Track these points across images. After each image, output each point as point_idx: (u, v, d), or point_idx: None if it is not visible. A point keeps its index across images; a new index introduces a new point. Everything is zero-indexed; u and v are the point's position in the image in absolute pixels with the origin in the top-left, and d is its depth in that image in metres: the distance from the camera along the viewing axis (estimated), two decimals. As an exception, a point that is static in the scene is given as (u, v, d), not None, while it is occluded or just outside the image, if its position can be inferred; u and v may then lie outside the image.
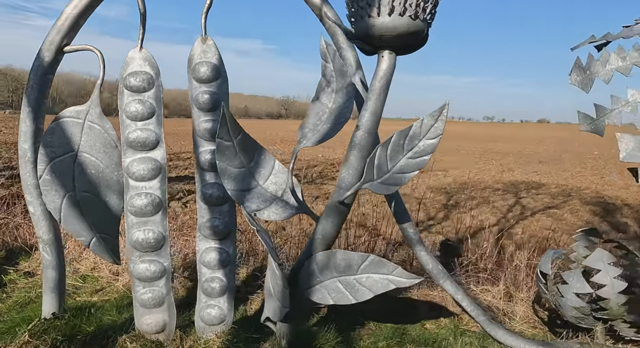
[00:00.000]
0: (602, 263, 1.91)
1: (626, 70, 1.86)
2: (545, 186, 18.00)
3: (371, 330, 2.43)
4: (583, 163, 25.27)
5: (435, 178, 17.34)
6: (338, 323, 2.47)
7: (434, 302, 2.92)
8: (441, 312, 2.76)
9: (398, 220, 2.03)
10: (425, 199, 15.00)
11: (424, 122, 1.66)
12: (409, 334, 2.39)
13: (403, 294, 2.99)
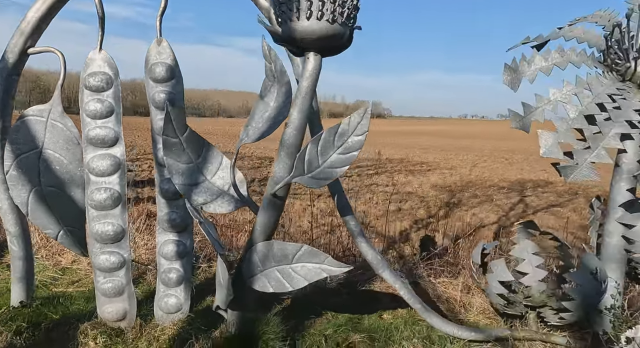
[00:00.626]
0: (527, 253, 1.95)
1: (547, 70, 1.90)
2: (552, 184, 17.70)
3: (327, 320, 2.50)
4: None
5: (441, 177, 17.25)
6: (295, 313, 2.54)
7: (396, 294, 2.98)
8: (400, 304, 2.81)
9: (341, 213, 2.10)
10: (428, 197, 14.95)
11: (351, 119, 1.73)
12: (362, 323, 2.44)
13: (367, 287, 3.05)
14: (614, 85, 1.80)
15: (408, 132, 49.24)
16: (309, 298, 2.83)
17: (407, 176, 19.23)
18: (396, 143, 30.87)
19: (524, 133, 1.93)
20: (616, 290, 2.01)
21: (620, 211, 1.99)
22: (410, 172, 20.43)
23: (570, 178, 1.78)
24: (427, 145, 31.32)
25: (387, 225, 7.18)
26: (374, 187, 16.14)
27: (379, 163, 16.50)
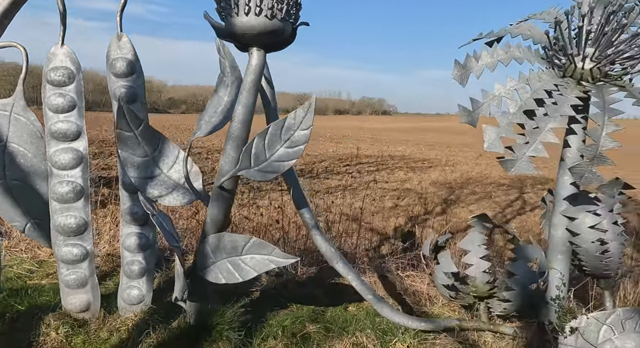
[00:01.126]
0: (473, 244, 2.00)
1: (492, 66, 1.93)
2: (553, 181, 17.65)
3: (291, 311, 2.56)
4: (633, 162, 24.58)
5: (442, 174, 17.23)
6: (260, 305, 2.61)
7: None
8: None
9: (296, 205, 2.15)
10: (427, 194, 14.96)
11: (297, 113, 1.78)
12: (324, 315, 2.51)
13: (336, 280, 3.11)
14: (553, 81, 1.83)
15: (413, 128, 49.11)
16: (278, 291, 2.90)
17: (408, 173, 19.25)
18: (400, 139, 30.86)
19: None
20: (561, 281, 2.05)
21: (564, 204, 2.03)
22: (411, 168, 20.40)
23: (511, 172, 1.82)
24: (432, 142, 31.28)
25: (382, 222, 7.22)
26: (373, 184, 16.20)
27: (357, 159, 16.50)
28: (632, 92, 1.75)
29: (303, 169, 19.76)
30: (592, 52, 1.85)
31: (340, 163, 22.32)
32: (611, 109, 1.69)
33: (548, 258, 2.11)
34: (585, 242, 1.96)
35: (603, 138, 1.67)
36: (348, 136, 33.57)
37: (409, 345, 2.10)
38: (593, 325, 1.99)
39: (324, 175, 18.81)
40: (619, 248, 2.01)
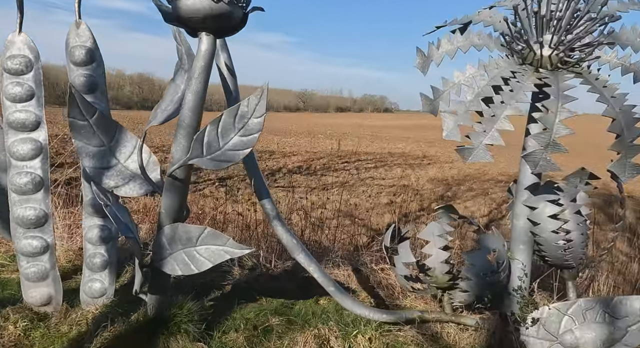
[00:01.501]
0: (432, 235, 1.97)
1: (452, 52, 1.90)
2: (551, 178, 17.64)
3: (259, 305, 2.54)
4: (601, 154, 24.58)
5: (440, 170, 17.21)
6: (228, 298, 2.59)
7: (338, 280, 3.01)
8: (341, 290, 2.85)
9: (258, 196, 2.13)
10: (424, 190, 14.94)
11: (249, 101, 1.75)
12: (292, 308, 2.49)
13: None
14: (510, 68, 1.79)
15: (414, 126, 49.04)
16: (250, 284, 2.88)
17: (406, 170, 19.23)
18: (400, 137, 30.82)
19: None
20: (522, 271, 2.03)
21: (525, 194, 2.00)
22: (410, 165, 20.38)
23: (468, 160, 1.79)
24: (432, 139, 31.20)
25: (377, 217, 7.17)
26: (370, 180, 16.18)
27: (356, 156, 16.52)
28: (588, 79, 1.71)
29: (301, 166, 19.80)
30: (550, 38, 1.81)
31: (339, 160, 22.31)
32: (565, 96, 1.66)
33: (511, 249, 2.08)
34: (545, 232, 1.93)
35: (556, 125, 1.64)
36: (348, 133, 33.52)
37: (371, 337, 2.08)
38: (554, 315, 1.97)
39: (322, 172, 18.81)
40: (580, 238, 1.98)
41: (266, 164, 18.46)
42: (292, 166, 18.68)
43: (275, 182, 14.28)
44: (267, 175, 16.41)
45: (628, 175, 1.62)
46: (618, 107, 1.61)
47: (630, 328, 1.91)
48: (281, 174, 17.22)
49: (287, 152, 22.15)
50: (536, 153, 1.68)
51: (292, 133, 33.69)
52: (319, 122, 55.15)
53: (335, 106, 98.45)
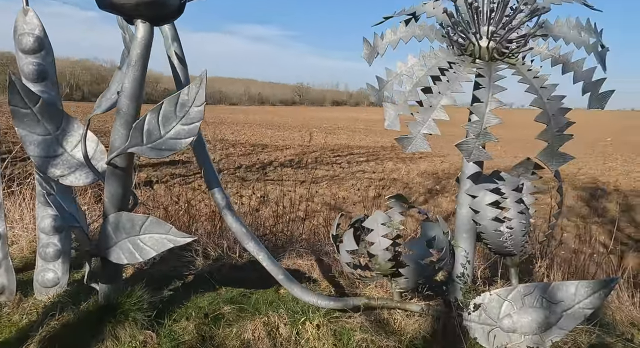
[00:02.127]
0: (376, 223, 2.01)
1: (395, 43, 1.92)
2: (541, 172, 17.82)
3: (218, 294, 2.58)
4: (592, 149, 24.74)
5: (431, 164, 17.29)
6: (185, 287, 2.62)
7: (301, 269, 3.06)
8: (301, 279, 2.89)
9: (208, 185, 2.15)
10: (413, 184, 15.00)
11: (190, 89, 1.76)
12: (249, 297, 2.52)
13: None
14: (447, 59, 1.82)
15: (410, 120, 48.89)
16: (212, 274, 2.91)
17: (397, 163, 19.30)
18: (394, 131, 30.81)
19: (528, 122, 1.94)
20: (465, 259, 2.07)
21: (468, 183, 2.04)
22: (401, 159, 20.45)
23: (408, 150, 1.82)
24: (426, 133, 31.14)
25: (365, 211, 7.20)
26: (360, 174, 16.24)
27: (348, 150, 16.58)
28: (521, 70, 1.74)
29: (293, 160, 19.83)
30: (488, 30, 1.84)
31: (331, 154, 22.32)
32: (495, 86, 1.69)
33: (455, 237, 2.13)
34: (484, 219, 1.97)
35: (487, 115, 1.67)
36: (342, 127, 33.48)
37: (319, 324, 2.12)
38: (495, 301, 2.02)
39: (313, 165, 18.84)
40: (521, 226, 2.02)
41: (258, 158, 18.46)
42: (283, 159, 18.69)
43: (265, 175, 14.30)
44: (258, 168, 16.43)
45: (556, 163, 1.66)
46: (546, 98, 1.65)
47: (566, 312, 1.96)
48: (272, 168, 17.23)
49: (279, 146, 22.15)
50: (469, 142, 1.71)
51: (287, 127, 33.65)
52: (314, 115, 55.04)
53: (332, 100, 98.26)
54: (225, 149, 20.67)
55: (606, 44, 1.79)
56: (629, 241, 8.74)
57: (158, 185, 9.69)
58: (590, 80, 1.67)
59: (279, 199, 9.58)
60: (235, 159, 18.22)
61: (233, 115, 45.88)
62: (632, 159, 21.84)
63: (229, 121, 35.47)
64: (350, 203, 9.92)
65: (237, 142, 24.21)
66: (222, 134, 28.89)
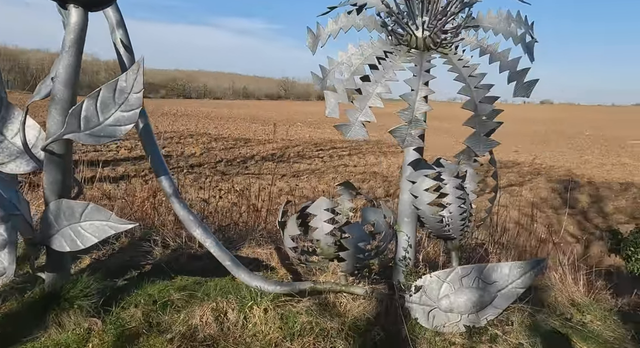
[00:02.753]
0: (319, 209, 2.06)
1: (335, 33, 1.97)
2: (520, 165, 18.20)
3: (172, 282, 2.60)
4: (571, 143, 25.38)
5: (398, 158, 17.43)
6: (140, 276, 2.64)
7: (260, 258, 3.10)
8: (260, 267, 2.93)
9: (155, 173, 2.17)
10: (392, 177, 15.14)
11: (127, 76, 1.77)
12: (203, 285, 2.55)
13: (233, 253, 3.15)
14: (384, 48, 1.87)
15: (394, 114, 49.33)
16: (169, 264, 2.91)
17: (379, 157, 19.42)
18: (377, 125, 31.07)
19: (511, 116, 1.98)
20: (407, 243, 2.15)
21: (408, 169, 2.10)
22: (383, 153, 20.59)
23: (347, 136, 1.87)
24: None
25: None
26: (342, 168, 16.32)
27: (331, 144, 16.64)
28: (452, 60, 1.80)
29: (275, 154, 19.78)
30: (422, 20, 1.89)
31: (314, 147, 22.30)
32: (425, 74, 1.74)
33: (398, 222, 2.20)
34: (422, 204, 2.04)
35: (417, 102, 1.72)
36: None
37: (266, 308, 2.17)
38: (435, 283, 2.10)
39: (295, 159, 18.81)
40: (459, 210, 2.10)
41: (239, 151, 18.37)
42: (266, 153, 18.63)
43: (246, 169, 14.26)
44: (239, 162, 16.36)
45: (483, 148, 1.73)
46: (473, 86, 1.71)
47: (500, 292, 2.06)
48: (253, 162, 17.18)
49: (262, 140, 22.05)
50: (401, 129, 1.77)
51: (272, 120, 33.48)
52: (299, 110, 54.83)
53: (317, 94, 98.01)
54: (208, 143, 20.51)
55: (536, 36, 1.87)
56: (595, 230, 9.08)
57: (136, 178, 9.58)
58: (515, 70, 1.74)
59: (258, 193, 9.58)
60: (217, 152, 18.10)
61: (217, 110, 45.40)
62: (607, 151, 22.56)
63: (212, 115, 35.11)
64: (328, 197, 9.97)
65: (220, 136, 24.02)
66: (205, 128, 28.62)
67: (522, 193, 12.43)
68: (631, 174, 16.29)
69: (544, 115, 64.91)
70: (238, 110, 47.59)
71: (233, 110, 47.30)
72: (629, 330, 2.50)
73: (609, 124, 41.49)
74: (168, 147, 18.55)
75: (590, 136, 29.81)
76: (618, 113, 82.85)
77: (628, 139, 27.11)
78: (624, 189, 13.59)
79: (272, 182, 12.72)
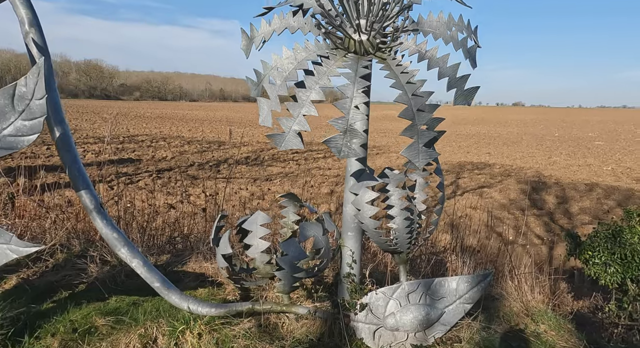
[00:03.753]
0: (255, 225, 1.92)
1: (268, 34, 1.83)
2: (491, 166, 18.58)
3: (102, 304, 2.38)
4: (540, 144, 26.18)
5: (387, 160, 17.53)
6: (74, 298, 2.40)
7: (206, 273, 2.92)
8: (204, 283, 2.75)
9: (74, 186, 1.96)
10: (366, 181, 14.89)
11: (27, 80, 1.58)
12: (142, 306, 2.34)
13: (178, 268, 2.96)
14: (318, 52, 1.75)
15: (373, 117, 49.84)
16: (104, 283, 2.69)
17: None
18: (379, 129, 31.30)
19: (484, 118, 1.84)
20: (351, 258, 2.03)
21: (351, 180, 1.98)
22: (360, 155, 20.50)
23: (281, 147, 1.73)
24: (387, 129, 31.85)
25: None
26: (316, 171, 16.19)
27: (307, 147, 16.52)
28: (390, 65, 1.69)
29: (249, 157, 19.45)
30: (363, 23, 1.77)
31: (289, 150, 22.08)
32: (360, 81, 1.63)
33: (341, 236, 2.07)
34: (365, 218, 1.92)
35: (352, 110, 1.60)
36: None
37: (201, 333, 2.00)
38: (381, 299, 1.98)
39: (269, 162, 18.59)
40: (405, 223, 1.99)
41: (212, 155, 17.98)
42: (239, 157, 18.31)
43: (218, 173, 13.93)
44: (211, 166, 16.01)
45: (422, 160, 1.63)
46: (411, 93, 1.61)
47: (448, 308, 1.96)
48: (226, 165, 16.84)
49: (237, 143, 21.66)
50: (336, 138, 1.64)
51: (248, 123, 33.02)
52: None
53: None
54: (180, 146, 19.97)
55: (480, 42, 1.78)
56: (561, 232, 9.29)
57: (101, 184, 9.16)
58: (455, 77, 1.64)
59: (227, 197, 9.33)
60: (189, 156, 17.65)
61: (192, 112, 44.56)
62: (574, 152, 23.34)
63: (187, 117, 34.36)
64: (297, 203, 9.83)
65: (194, 139, 23.48)
66: (178, 130, 27.96)
67: (493, 195, 12.64)
68: (596, 174, 16.89)
69: (517, 116, 66.93)
70: (214, 112, 46.85)
71: (209, 112, 46.55)
72: (581, 339, 2.46)
73: (577, 125, 43.13)
74: (138, 151, 17.94)
75: (559, 137, 30.85)
76: (585, 115, 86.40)
77: (594, 140, 28.22)
78: (589, 190, 14.04)
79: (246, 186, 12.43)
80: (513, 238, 8.83)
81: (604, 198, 12.83)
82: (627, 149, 23.98)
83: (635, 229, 3.69)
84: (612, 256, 3.63)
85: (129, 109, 44.14)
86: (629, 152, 22.75)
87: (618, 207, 11.35)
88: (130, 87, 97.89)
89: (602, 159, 20.98)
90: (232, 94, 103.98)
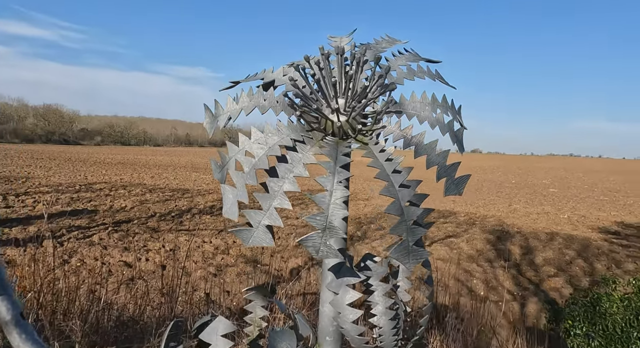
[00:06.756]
0: (215, 335, 1.60)
1: (236, 113, 1.65)
2: (456, 215, 18.91)
3: None
4: (500, 191, 27.33)
5: (354, 208, 17.38)
6: None
7: None
8: None
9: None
10: (338, 231, 14.59)
11: None
12: None
13: None
14: (292, 135, 1.57)
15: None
16: None
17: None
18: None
19: None
20: (330, 371, 1.72)
21: (329, 276, 1.73)
22: (329, 203, 20.32)
23: (248, 243, 1.47)
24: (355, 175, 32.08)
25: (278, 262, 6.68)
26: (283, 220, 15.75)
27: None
28: (373, 150, 1.53)
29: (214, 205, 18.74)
30: (342, 103, 1.63)
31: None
32: (341, 171, 1.44)
33: (318, 342, 1.77)
34: (346, 323, 1.65)
35: (332, 206, 1.39)
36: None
37: None
38: None
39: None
40: (391, 324, 1.74)
41: (175, 204, 17.16)
42: (204, 206, 17.60)
43: (181, 224, 13.17)
44: (174, 216, 15.22)
45: (412, 261, 1.42)
46: (399, 184, 1.43)
47: None
48: (189, 215, 16.07)
49: (202, 190, 20.95)
50: (313, 237, 1.41)
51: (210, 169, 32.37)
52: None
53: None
54: (142, 194, 18.97)
55: (464, 123, 1.67)
56: (530, 285, 9.29)
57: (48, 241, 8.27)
58: (445, 164, 1.50)
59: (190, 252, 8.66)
60: (150, 206, 16.71)
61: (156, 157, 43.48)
62: (531, 200, 24.43)
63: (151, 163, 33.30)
64: (267, 255, 9.38)
65: (156, 186, 22.51)
66: (140, 178, 26.85)
67: (460, 246, 12.67)
68: (554, 222, 17.56)
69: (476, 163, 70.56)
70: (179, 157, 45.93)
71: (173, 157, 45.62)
72: None
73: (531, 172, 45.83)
74: (95, 201, 16.79)
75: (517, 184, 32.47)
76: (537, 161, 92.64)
77: (548, 187, 29.86)
78: (550, 239, 14.47)
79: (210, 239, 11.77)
80: (485, 294, 8.68)
81: (565, 248, 13.22)
82: (579, 196, 25.43)
83: (612, 297, 3.62)
84: (593, 327, 3.50)
85: (88, 154, 42.35)
86: (581, 200, 24.09)
87: (579, 258, 11.66)
88: (92, 132, 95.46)
89: (557, 207, 22.01)
90: (198, 138, 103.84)
